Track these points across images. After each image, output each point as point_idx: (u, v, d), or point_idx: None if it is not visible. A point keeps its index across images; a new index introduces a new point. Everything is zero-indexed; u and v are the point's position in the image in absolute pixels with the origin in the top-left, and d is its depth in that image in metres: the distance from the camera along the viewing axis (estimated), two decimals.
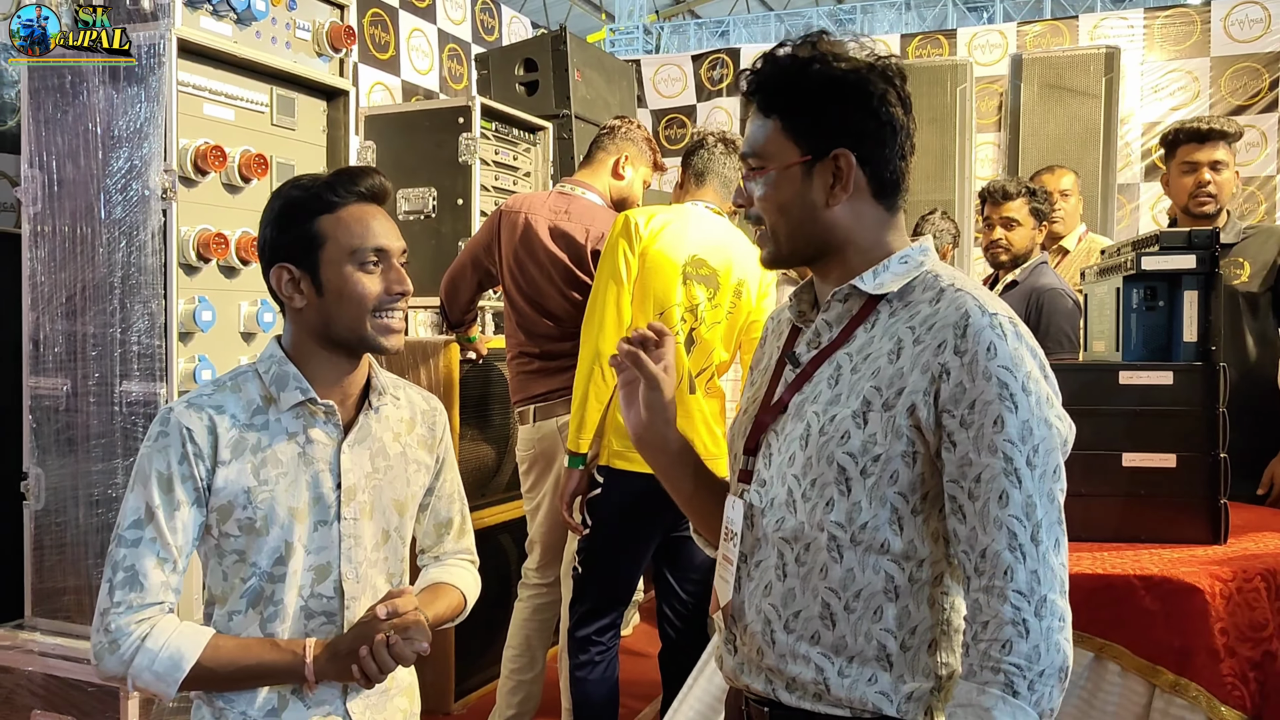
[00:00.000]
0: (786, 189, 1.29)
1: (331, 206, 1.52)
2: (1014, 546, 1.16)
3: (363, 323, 1.52)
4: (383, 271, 1.53)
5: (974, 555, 1.18)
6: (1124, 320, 2.26)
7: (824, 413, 1.26)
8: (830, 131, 1.27)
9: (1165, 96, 5.84)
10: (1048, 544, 1.17)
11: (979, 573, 1.18)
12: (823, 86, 1.27)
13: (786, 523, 1.28)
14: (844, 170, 1.27)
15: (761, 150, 1.30)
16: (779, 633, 1.28)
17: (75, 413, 2.60)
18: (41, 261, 2.63)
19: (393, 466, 1.63)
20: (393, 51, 5.02)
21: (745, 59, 6.68)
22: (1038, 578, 1.16)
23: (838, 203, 1.28)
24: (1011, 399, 1.17)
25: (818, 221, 1.29)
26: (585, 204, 3.06)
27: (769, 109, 1.30)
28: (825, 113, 1.27)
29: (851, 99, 1.27)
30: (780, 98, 1.29)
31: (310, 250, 1.51)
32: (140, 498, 1.49)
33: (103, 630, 1.46)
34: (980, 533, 1.17)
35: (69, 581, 2.62)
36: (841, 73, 1.27)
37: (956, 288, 1.25)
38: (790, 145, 1.28)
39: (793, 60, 1.28)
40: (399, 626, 1.49)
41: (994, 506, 1.17)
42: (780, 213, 1.30)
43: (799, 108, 1.28)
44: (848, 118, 1.27)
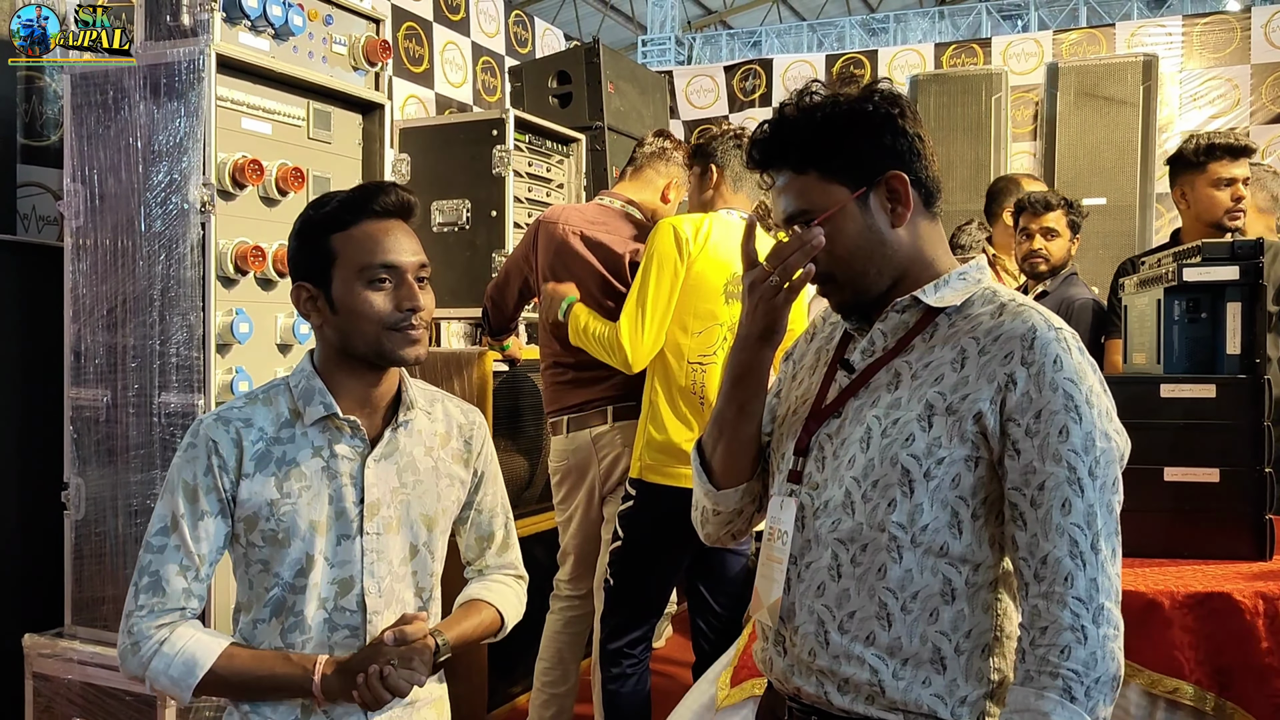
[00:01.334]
0: (850, 228, 1.31)
1: (345, 224, 1.53)
2: (1075, 554, 1.18)
3: (378, 337, 1.52)
4: (393, 288, 1.52)
5: (1034, 561, 1.20)
6: (1165, 332, 2.23)
7: (885, 416, 1.29)
8: (871, 160, 1.30)
9: (1204, 105, 5.77)
10: (1106, 553, 1.19)
11: (1038, 579, 1.20)
12: (845, 124, 1.30)
13: (843, 524, 1.29)
14: (900, 189, 1.31)
15: (810, 204, 1.31)
16: (833, 633, 1.29)
17: (115, 423, 2.63)
18: (83, 274, 2.67)
19: (423, 481, 1.63)
20: (427, 65, 5.06)
21: (778, 69, 6.67)
22: (1096, 585, 1.18)
23: (903, 222, 1.32)
24: (1076, 410, 1.20)
25: (887, 246, 1.32)
26: (624, 215, 3.05)
27: (801, 164, 1.31)
28: (858, 145, 1.30)
29: (877, 126, 1.30)
30: (810, 149, 1.31)
31: (324, 268, 1.53)
32: (167, 506, 1.53)
33: (126, 632, 1.51)
34: (1041, 539, 1.20)
35: (108, 590, 2.65)
36: (855, 105, 1.31)
37: (1019, 303, 1.29)
38: (837, 187, 1.31)
39: (800, 114, 1.31)
40: (402, 655, 1.49)
41: (1056, 514, 1.19)
42: (851, 256, 1.31)
43: (830, 150, 1.30)
44: (881, 141, 1.30)
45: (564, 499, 3.07)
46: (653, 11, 14.95)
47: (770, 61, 6.78)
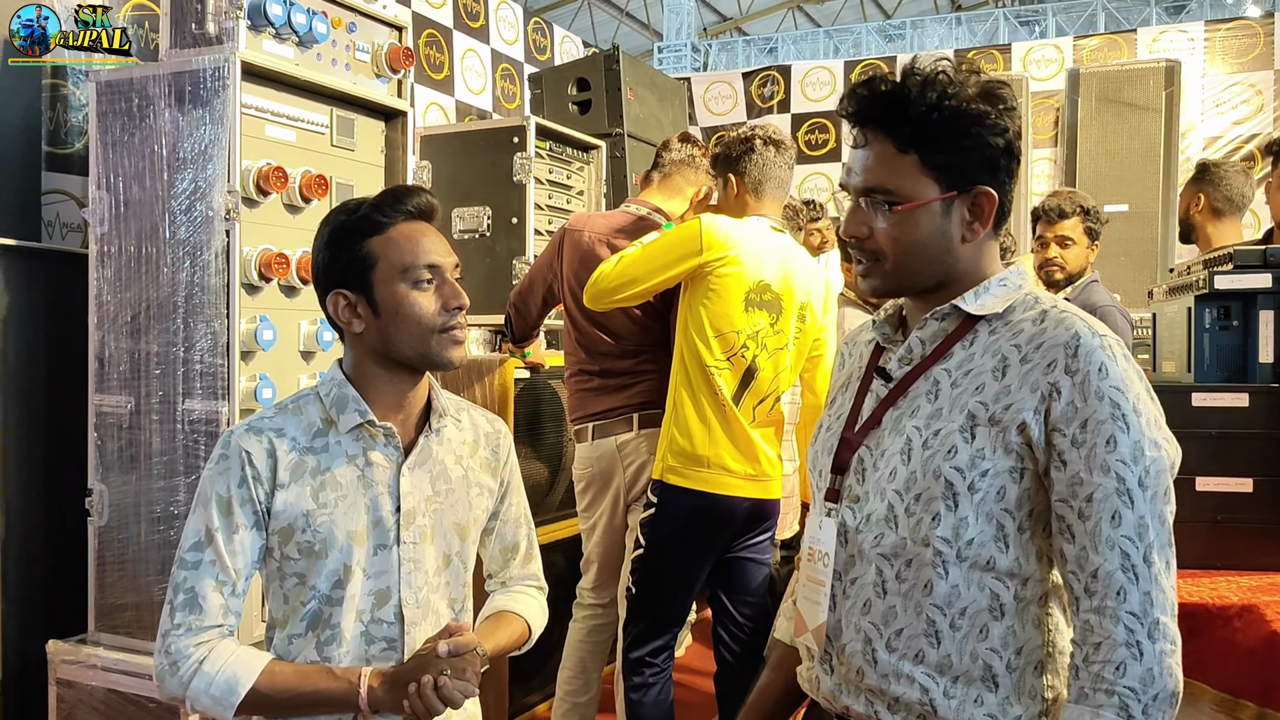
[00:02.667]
0: (925, 226, 1.28)
1: (380, 227, 1.52)
2: (1127, 567, 1.15)
3: (426, 340, 1.52)
4: (437, 288, 1.53)
5: (1084, 576, 1.17)
6: (1196, 341, 2.20)
7: (926, 427, 1.26)
8: (972, 168, 1.27)
9: (1227, 110, 5.73)
10: (1159, 566, 1.16)
11: (1090, 593, 1.17)
12: (966, 122, 1.26)
13: (886, 539, 1.27)
14: (984, 208, 1.28)
15: (897, 186, 1.28)
16: (881, 651, 1.27)
17: (138, 430, 2.64)
18: (107, 281, 2.67)
19: (454, 490, 1.62)
20: (447, 72, 5.07)
21: (795, 76, 6.67)
22: (1150, 599, 1.15)
23: (975, 238, 1.29)
24: (1124, 419, 1.17)
25: (950, 255, 1.30)
26: (651, 224, 3.03)
27: (907, 144, 1.27)
28: (969, 149, 1.26)
29: (990, 133, 1.27)
30: (921, 132, 1.26)
31: (363, 273, 1.51)
32: (200, 520, 1.50)
33: (163, 652, 1.48)
34: (1091, 553, 1.17)
35: (130, 597, 2.65)
36: (982, 109, 1.26)
37: (1061, 310, 1.26)
38: (930, 181, 1.27)
39: (929, 94, 1.26)
40: (455, 666, 1.46)
41: (1106, 526, 1.16)
42: (912, 249, 1.29)
43: (941, 143, 1.26)
44: (987, 154, 1.27)
45: (588, 506, 3.06)
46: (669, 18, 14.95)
47: (788, 68, 6.78)
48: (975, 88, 1.26)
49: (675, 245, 2.65)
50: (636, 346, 2.92)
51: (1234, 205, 3.35)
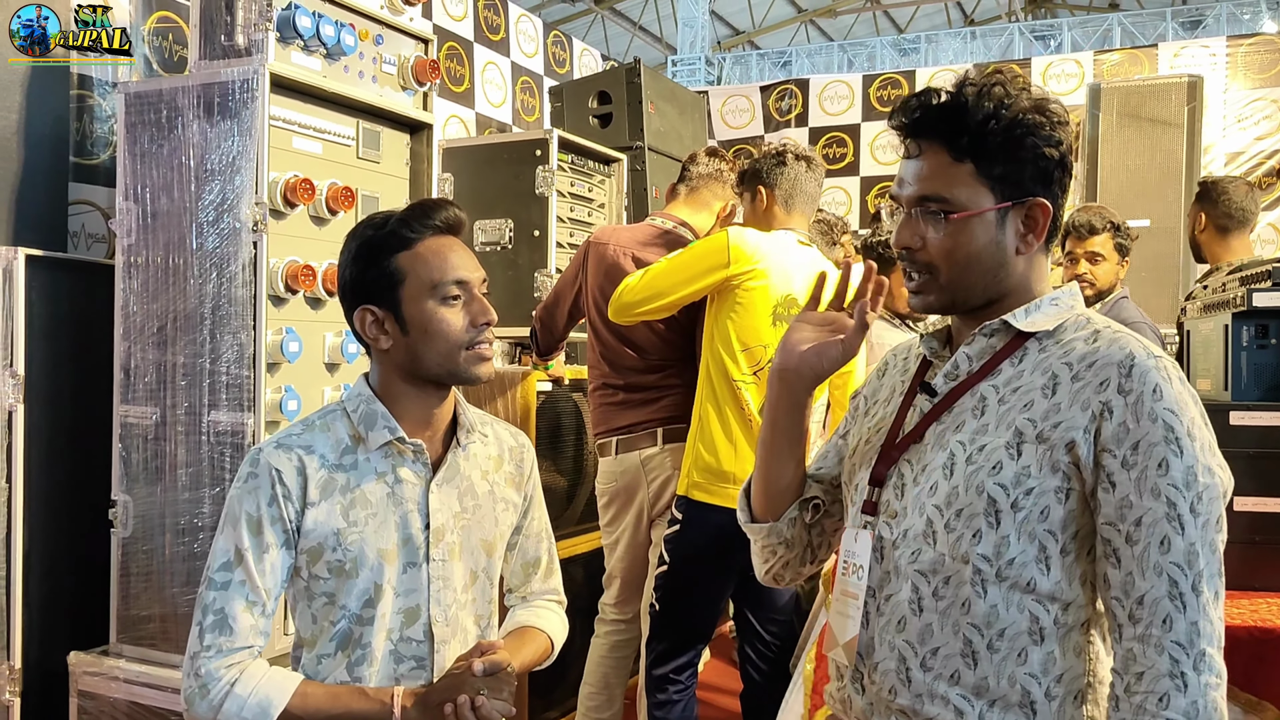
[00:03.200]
0: (980, 237, 1.26)
1: (408, 242, 1.50)
2: (1174, 595, 1.11)
3: (454, 356, 1.50)
4: (465, 304, 1.52)
5: (1128, 602, 1.14)
6: (1233, 359, 2.18)
7: (971, 442, 1.23)
8: (1027, 179, 1.25)
9: (1249, 126, 5.71)
10: (1208, 595, 1.12)
11: (1134, 620, 1.13)
12: (1021, 133, 1.24)
13: (924, 555, 1.24)
14: (1039, 219, 1.26)
15: (952, 195, 1.26)
16: (915, 670, 1.24)
17: (163, 441, 2.63)
18: (134, 292, 2.67)
19: (481, 505, 1.61)
20: (467, 84, 5.08)
21: (814, 90, 6.66)
22: (1198, 630, 1.11)
23: (1029, 250, 1.27)
24: (1177, 443, 1.14)
25: (1004, 268, 1.28)
26: (677, 238, 3.02)
27: (962, 153, 1.26)
28: (1024, 160, 1.25)
29: (1046, 145, 1.25)
30: (978, 142, 1.25)
31: (391, 288, 1.50)
32: (230, 540, 1.48)
33: (193, 675, 1.45)
34: (1138, 578, 1.13)
35: (154, 609, 2.64)
36: (1037, 120, 1.25)
37: (1114, 330, 1.24)
38: (985, 191, 1.26)
39: (986, 103, 1.25)
40: (492, 685, 1.44)
41: (1154, 552, 1.12)
42: (969, 262, 1.27)
43: (997, 154, 1.25)
44: (1041, 165, 1.25)
45: (611, 521, 3.04)
46: (682, 32, 14.97)
47: (806, 81, 6.77)
48: (1029, 100, 1.25)
49: (702, 258, 2.64)
50: (661, 361, 2.91)
51: (1236, 221, 3.35)
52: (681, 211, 3.08)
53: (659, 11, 16.95)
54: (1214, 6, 13.63)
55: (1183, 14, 14.00)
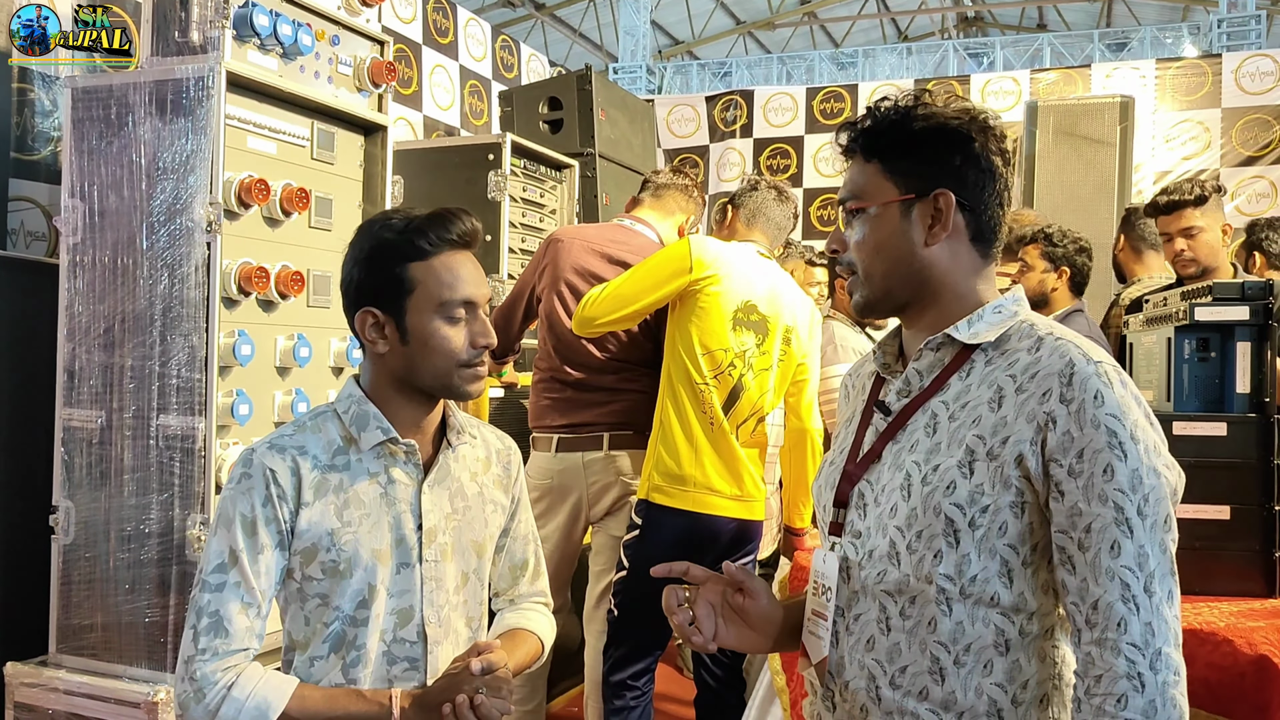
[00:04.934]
0: (885, 227, 1.30)
1: (424, 254, 1.49)
2: (1127, 598, 1.13)
3: (449, 373, 1.50)
4: (468, 323, 1.51)
5: (1084, 607, 1.16)
6: (1175, 371, 2.25)
7: (925, 462, 1.25)
8: (931, 172, 1.29)
9: (1177, 146, 5.91)
10: (1161, 595, 1.15)
11: (1090, 625, 1.16)
12: (925, 131, 1.30)
13: (889, 575, 1.26)
14: (944, 210, 1.28)
15: (860, 190, 1.32)
16: (885, 689, 1.26)
17: (109, 445, 2.57)
18: (79, 292, 2.60)
19: (471, 507, 1.61)
20: (415, 87, 5.04)
21: (759, 100, 6.73)
22: (1152, 630, 1.13)
23: (936, 242, 1.29)
24: (1121, 447, 1.15)
25: (915, 259, 1.30)
26: (645, 240, 3.04)
27: (870, 153, 1.32)
28: (926, 154, 1.29)
29: (952, 143, 1.29)
30: (882, 141, 1.31)
31: (398, 296, 1.48)
32: (224, 541, 1.46)
33: (188, 679, 1.43)
34: (1091, 584, 1.15)
35: (96, 618, 2.57)
36: (944, 119, 1.30)
37: (1056, 336, 1.25)
38: (890, 185, 1.30)
39: (895, 110, 1.31)
40: (490, 685, 1.43)
41: (1105, 557, 1.15)
42: (877, 252, 1.31)
43: (900, 150, 1.30)
44: (948, 160, 1.29)
45: (540, 515, 3.00)
46: (623, 40, 15.02)
47: (751, 93, 6.84)
48: (948, 106, 1.31)
49: (664, 264, 2.68)
50: (621, 362, 2.91)
51: (1149, 244, 3.50)
52: (647, 214, 3.11)
53: (599, 19, 16.99)
54: (1139, 30, 14.09)
55: (1109, 36, 14.45)
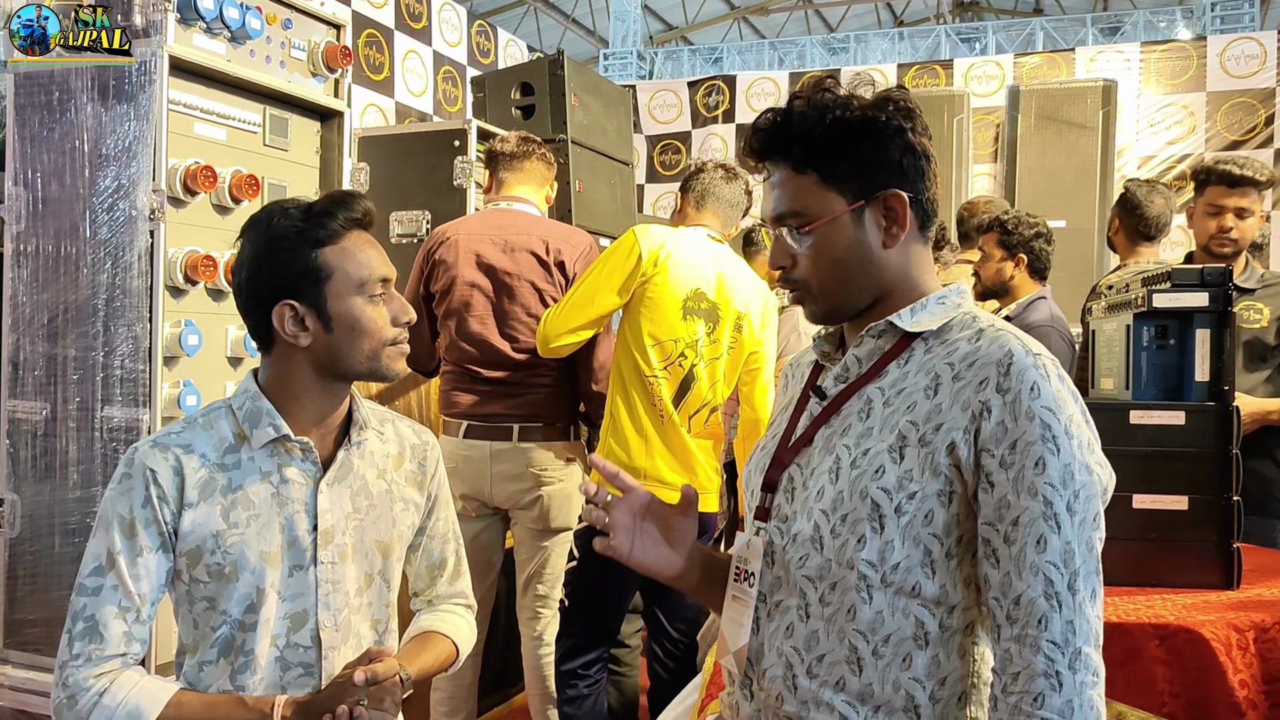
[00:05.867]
0: (839, 241, 1.25)
1: (335, 236, 1.45)
2: (1050, 594, 1.11)
3: (379, 354, 1.47)
4: (386, 301, 1.48)
5: (1006, 602, 1.14)
6: (1134, 358, 2.21)
7: (855, 445, 1.22)
8: (874, 174, 1.24)
9: (1161, 130, 5.85)
10: (1084, 594, 1.12)
11: (1011, 621, 1.13)
12: (859, 131, 1.23)
13: (811, 560, 1.23)
14: (898, 210, 1.24)
15: (803, 207, 1.25)
16: (801, 678, 1.22)
17: (53, 437, 2.52)
18: (23, 282, 2.56)
19: (376, 505, 1.55)
20: (387, 73, 4.98)
21: (741, 86, 6.67)
22: (1073, 628, 1.11)
23: (896, 243, 1.26)
24: (1054, 441, 1.13)
25: (873, 265, 1.26)
26: (529, 217, 3.00)
27: (804, 164, 1.25)
28: (865, 156, 1.24)
29: (889, 138, 1.24)
30: (813, 150, 1.24)
31: (315, 284, 1.44)
32: (102, 544, 1.41)
33: (61, 685, 1.39)
34: (1015, 578, 1.13)
35: (41, 613, 2.54)
36: (870, 115, 1.24)
37: (997, 328, 1.22)
38: (834, 195, 1.24)
39: (811, 110, 1.24)
40: (373, 695, 1.40)
41: (1031, 551, 1.12)
42: (835, 268, 1.26)
43: (836, 156, 1.24)
44: (889, 158, 1.24)
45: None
46: (614, 26, 14.93)
47: (734, 78, 6.78)
48: (865, 99, 1.25)
49: (618, 266, 2.64)
50: (530, 355, 2.87)
51: (1142, 235, 3.39)
52: (518, 190, 3.04)
53: (592, 5, 16.88)
54: (1132, 13, 14.01)
55: (1102, 20, 14.36)
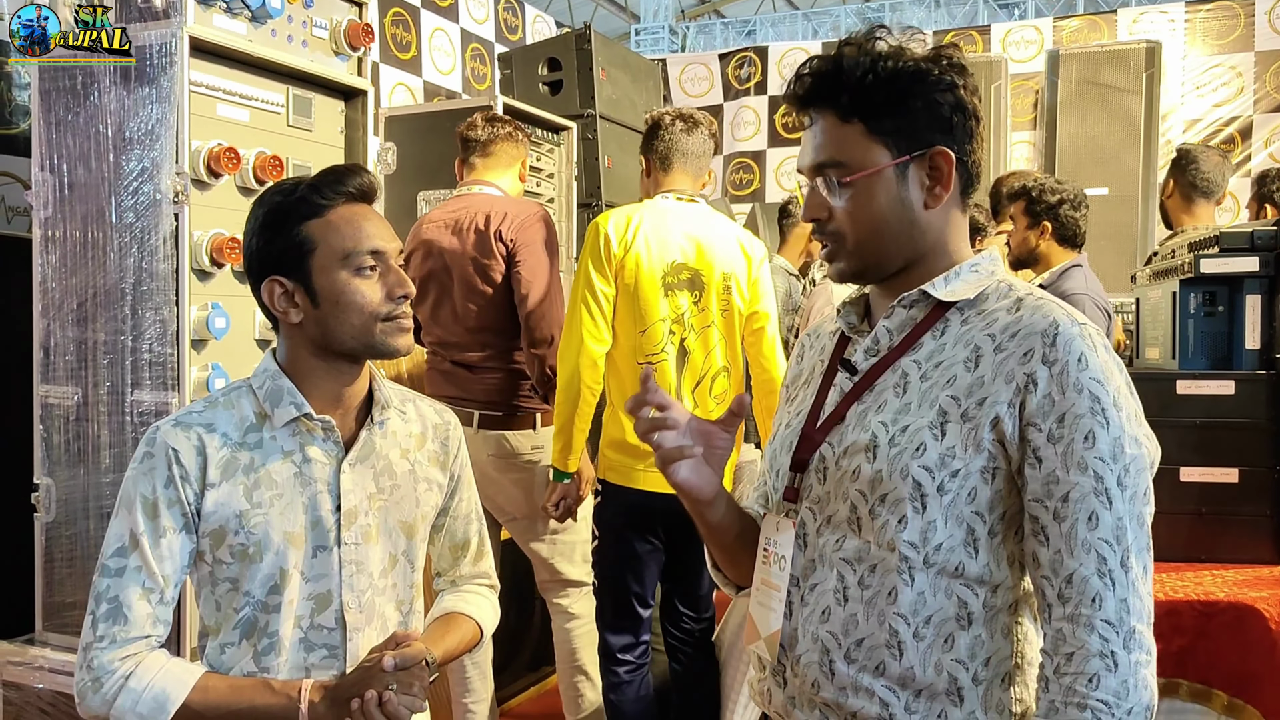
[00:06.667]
0: (880, 196, 1.19)
1: (319, 209, 1.42)
2: (1103, 572, 1.07)
3: (369, 329, 1.43)
4: (381, 275, 1.44)
5: (1057, 581, 1.09)
6: (1180, 326, 2.13)
7: (893, 423, 1.17)
8: (923, 129, 1.18)
9: (1208, 93, 5.67)
10: (1137, 571, 1.08)
11: (1063, 600, 1.09)
12: (907, 83, 1.18)
13: (849, 542, 1.19)
14: (943, 169, 1.19)
15: (847, 158, 1.19)
16: (839, 663, 1.18)
17: (86, 422, 2.53)
18: (52, 267, 2.56)
19: (400, 486, 1.53)
20: (414, 51, 4.94)
21: (773, 57, 6.57)
22: (1127, 607, 1.07)
23: (938, 203, 1.20)
24: (1103, 413, 1.09)
25: (914, 225, 1.21)
26: (484, 196, 3.02)
27: (849, 112, 1.19)
28: (915, 110, 1.18)
29: (940, 92, 1.18)
30: (862, 98, 1.18)
31: (300, 259, 1.41)
32: (124, 524, 1.40)
33: (85, 667, 1.37)
34: (1066, 556, 1.09)
35: (80, 595, 2.55)
36: (922, 67, 1.18)
37: (1037, 297, 1.18)
38: (880, 148, 1.19)
39: (863, 59, 1.18)
40: (401, 680, 1.37)
41: (1082, 528, 1.08)
42: (872, 223, 1.20)
43: (884, 106, 1.18)
44: (939, 112, 1.18)
45: None
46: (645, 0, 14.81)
47: (765, 49, 6.67)
48: (915, 50, 1.19)
49: (596, 263, 2.62)
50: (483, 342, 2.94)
51: (1200, 191, 3.28)
52: (483, 175, 3.07)
53: None
54: None
55: None
